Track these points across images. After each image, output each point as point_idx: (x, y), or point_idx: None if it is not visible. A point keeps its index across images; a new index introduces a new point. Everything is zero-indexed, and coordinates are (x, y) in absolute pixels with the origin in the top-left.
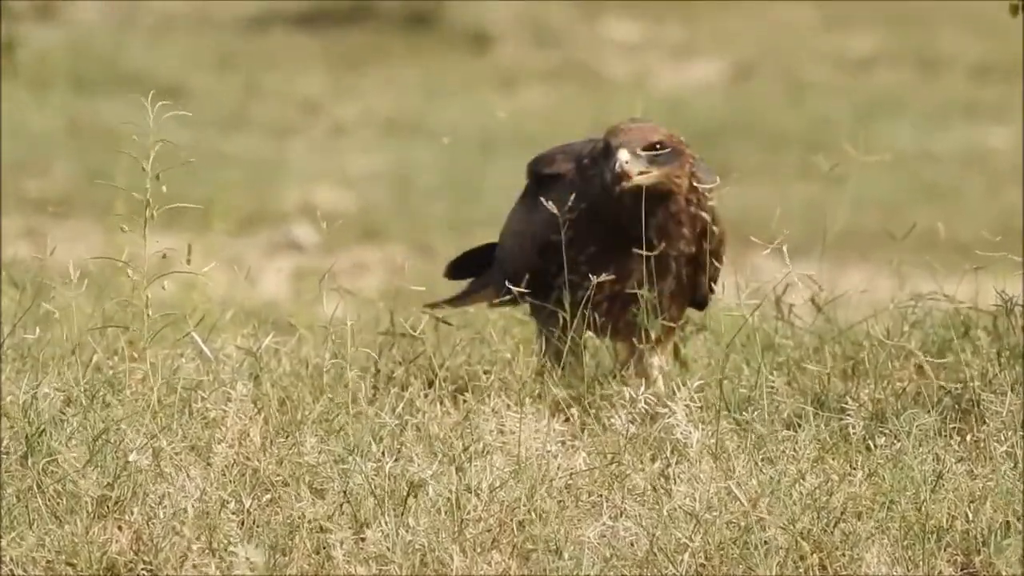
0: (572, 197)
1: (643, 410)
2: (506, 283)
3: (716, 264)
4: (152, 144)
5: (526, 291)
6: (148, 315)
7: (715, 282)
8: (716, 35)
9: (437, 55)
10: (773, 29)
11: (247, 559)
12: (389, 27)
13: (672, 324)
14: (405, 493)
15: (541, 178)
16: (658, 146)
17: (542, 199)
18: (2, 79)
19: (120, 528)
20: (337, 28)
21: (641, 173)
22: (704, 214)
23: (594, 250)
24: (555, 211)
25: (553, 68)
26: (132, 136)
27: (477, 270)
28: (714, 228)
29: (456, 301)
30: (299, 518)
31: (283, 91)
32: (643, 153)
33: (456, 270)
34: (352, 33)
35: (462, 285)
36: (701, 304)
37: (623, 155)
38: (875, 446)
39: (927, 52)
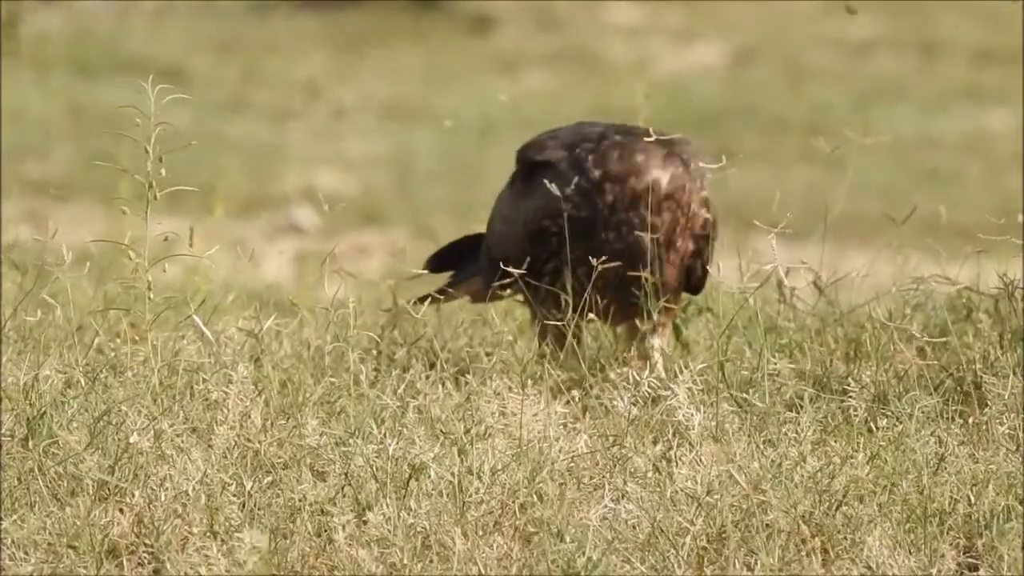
0: (573, 182)
1: (645, 392)
2: (496, 270)
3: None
4: (154, 127)
5: (524, 272)
6: (150, 298)
7: (709, 264)
8: (717, 19)
9: (438, 39)
10: (774, 13)
11: (249, 542)
12: (390, 11)
13: (670, 305)
14: (407, 476)
15: (532, 165)
16: None
17: (544, 182)
18: (3, 62)
19: (121, 510)
20: (338, 11)
21: None
22: (693, 204)
23: (585, 236)
24: (557, 192)
25: (554, 52)
26: (135, 120)
27: (459, 262)
28: (707, 216)
29: (444, 293)
30: (300, 501)
31: (284, 74)
32: None
33: (438, 262)
34: (353, 16)
35: (443, 278)
36: (696, 289)
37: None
38: (877, 429)
39: (927, 37)
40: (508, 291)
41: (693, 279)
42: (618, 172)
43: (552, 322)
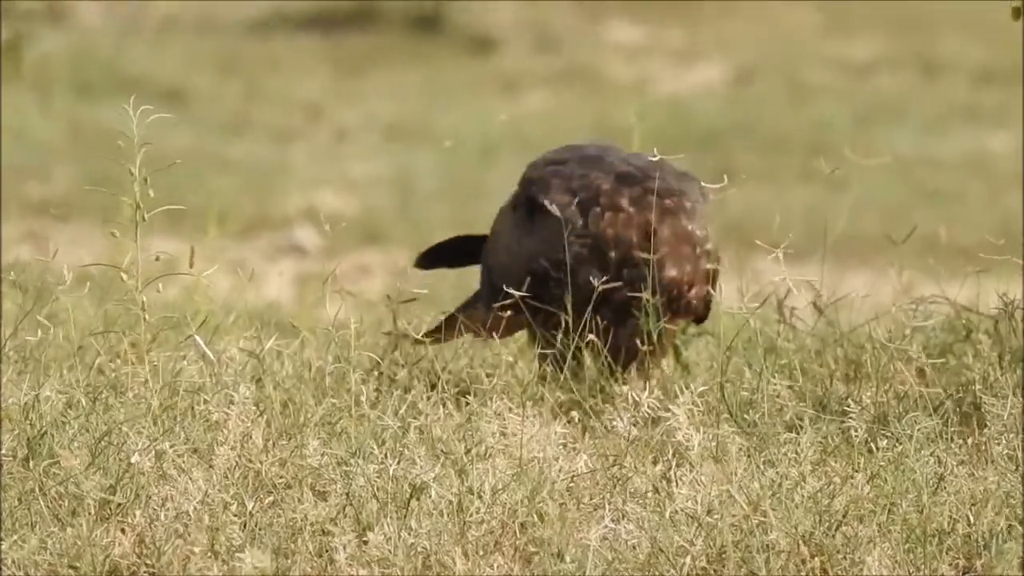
0: (569, 234)
1: (645, 413)
2: (498, 295)
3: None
4: (138, 148)
5: (526, 295)
6: (145, 319)
7: (712, 288)
8: (718, 39)
9: (440, 59)
10: (775, 33)
11: (251, 562)
12: (392, 31)
13: (672, 327)
14: (407, 496)
15: (537, 205)
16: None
17: (547, 222)
18: (4, 83)
19: (123, 531)
20: (340, 32)
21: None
22: (694, 238)
23: (590, 277)
24: (559, 235)
25: (555, 72)
26: (119, 142)
27: (449, 260)
28: (706, 245)
29: (447, 331)
30: (301, 521)
31: (285, 95)
32: None
33: (427, 260)
34: (355, 37)
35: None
36: (700, 318)
37: None
38: (877, 449)
39: (928, 56)
40: (508, 312)
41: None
42: (624, 238)
43: (550, 350)
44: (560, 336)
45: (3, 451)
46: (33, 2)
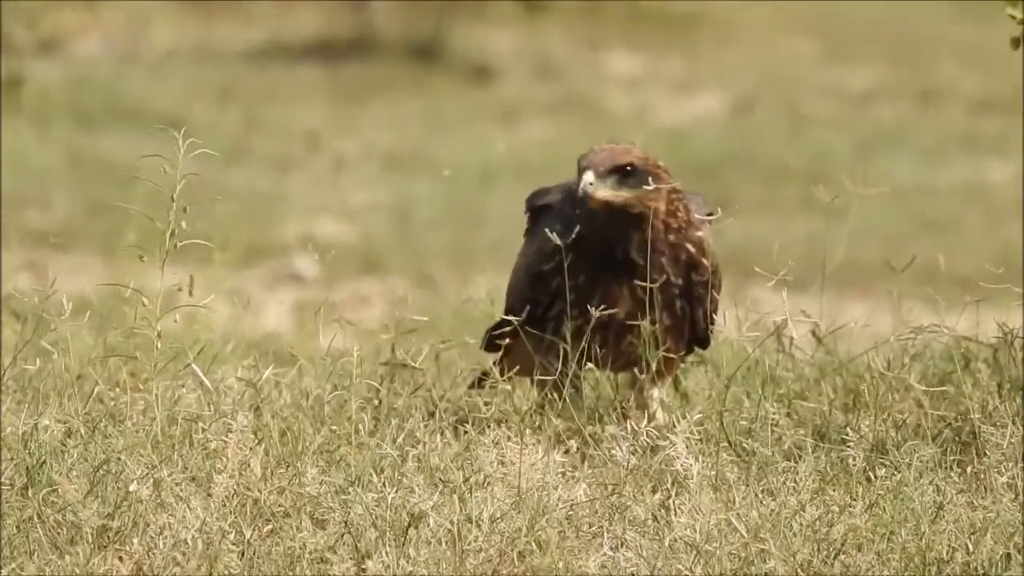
0: (559, 225)
1: (644, 442)
2: (503, 320)
3: (714, 296)
4: (180, 178)
5: (522, 320)
6: (158, 347)
7: (714, 315)
8: (717, 69)
9: (439, 88)
10: (773, 63)
11: None
12: (391, 60)
13: (671, 356)
14: (406, 524)
15: (535, 211)
16: (628, 168)
17: (545, 230)
18: (3, 113)
19: (121, 559)
20: (339, 61)
21: (609, 194)
22: (689, 245)
23: (583, 279)
24: (556, 240)
25: (554, 101)
26: (161, 168)
27: None
28: (703, 260)
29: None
30: (300, 549)
31: (284, 124)
32: (610, 175)
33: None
34: (354, 66)
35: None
36: (703, 342)
37: (588, 176)
38: (875, 478)
39: (927, 85)
40: (507, 340)
41: (698, 330)
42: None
43: (554, 372)
44: (557, 363)
45: (2, 480)
46: (35, 11)
